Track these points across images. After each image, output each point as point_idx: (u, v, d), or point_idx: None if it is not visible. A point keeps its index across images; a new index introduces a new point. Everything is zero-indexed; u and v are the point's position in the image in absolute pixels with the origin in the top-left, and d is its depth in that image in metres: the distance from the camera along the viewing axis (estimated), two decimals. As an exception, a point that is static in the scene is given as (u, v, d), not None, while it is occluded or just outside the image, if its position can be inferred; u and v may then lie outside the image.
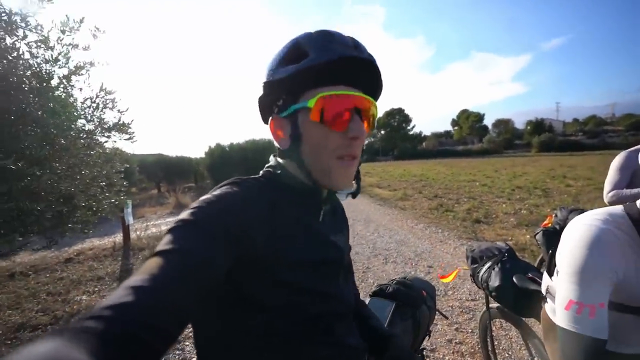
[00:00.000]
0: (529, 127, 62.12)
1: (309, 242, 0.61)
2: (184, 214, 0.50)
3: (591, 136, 56.13)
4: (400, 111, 66.86)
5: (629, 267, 0.83)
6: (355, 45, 0.59)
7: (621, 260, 0.82)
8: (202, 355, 0.60)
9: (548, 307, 1.20)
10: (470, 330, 2.62)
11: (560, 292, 0.87)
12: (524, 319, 1.53)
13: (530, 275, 1.39)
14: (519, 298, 1.39)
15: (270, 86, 0.61)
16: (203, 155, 20.10)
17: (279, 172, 0.65)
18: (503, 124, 68.08)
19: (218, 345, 0.57)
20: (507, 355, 2.24)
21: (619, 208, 0.91)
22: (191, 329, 0.58)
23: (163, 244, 0.45)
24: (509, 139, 59.52)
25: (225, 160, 18.41)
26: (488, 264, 1.54)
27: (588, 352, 0.75)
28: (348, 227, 0.83)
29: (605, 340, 0.76)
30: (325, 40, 0.57)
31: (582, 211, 2.42)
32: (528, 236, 5.16)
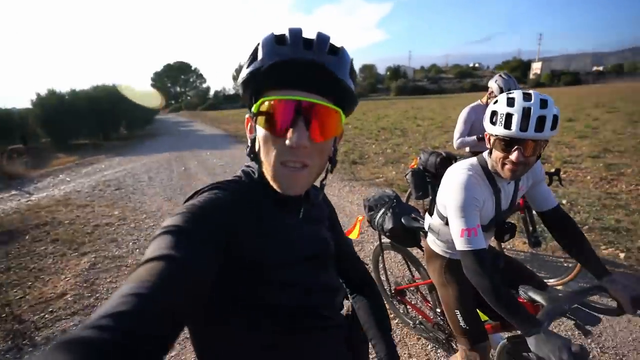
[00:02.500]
0: (388, 73, 70.51)
1: (296, 240, 0.64)
2: (171, 220, 0.50)
3: (432, 82, 68.26)
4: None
5: (485, 199, 1.20)
6: (306, 44, 0.56)
7: (481, 194, 1.17)
8: (202, 355, 0.62)
9: (429, 239, 1.55)
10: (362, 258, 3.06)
11: (453, 227, 1.16)
12: (408, 248, 1.93)
13: (413, 215, 1.71)
14: (406, 234, 1.75)
15: (240, 86, 0.60)
16: (29, 106, 15.29)
17: (254, 171, 0.64)
18: (368, 70, 74.82)
19: (216, 344, 0.59)
20: (394, 272, 2.76)
21: (474, 159, 1.26)
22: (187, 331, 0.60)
23: (153, 251, 0.45)
24: (372, 84, 66.38)
25: (66, 113, 14.58)
26: (382, 211, 1.83)
27: (480, 259, 1.09)
28: (333, 211, 0.85)
29: (486, 248, 1.11)
30: (275, 43, 0.56)
31: (438, 153, 3.00)
32: (394, 172, 6.15)
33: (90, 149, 13.18)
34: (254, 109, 0.57)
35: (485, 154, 1.23)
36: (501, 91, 2.61)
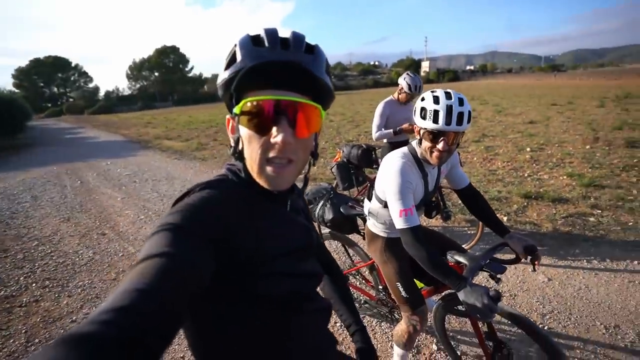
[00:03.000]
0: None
1: (287, 232, 0.67)
2: (166, 219, 0.51)
3: (339, 79, 72.01)
4: (174, 49, 59.83)
5: (417, 182, 1.40)
6: (283, 44, 0.58)
7: (413, 178, 1.37)
8: (200, 352, 0.62)
9: (369, 222, 1.70)
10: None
11: (392, 208, 1.33)
12: (348, 235, 2.06)
13: (350, 204, 1.84)
14: (346, 222, 1.88)
15: (219, 87, 0.62)
16: None
17: (240, 170, 0.65)
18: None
19: (210, 336, 0.60)
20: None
21: (406, 149, 1.46)
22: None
23: (150, 248, 0.46)
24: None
25: None
26: (321, 203, 1.92)
27: (416, 234, 1.28)
28: (306, 205, 0.87)
29: (419, 224, 1.31)
30: (253, 45, 0.58)
31: (360, 146, 3.25)
32: (315, 167, 6.37)
33: None
34: (236, 109, 0.58)
35: (414, 143, 1.44)
36: (409, 87, 2.97)
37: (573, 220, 3.43)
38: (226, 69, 0.59)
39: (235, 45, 0.59)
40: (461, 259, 1.36)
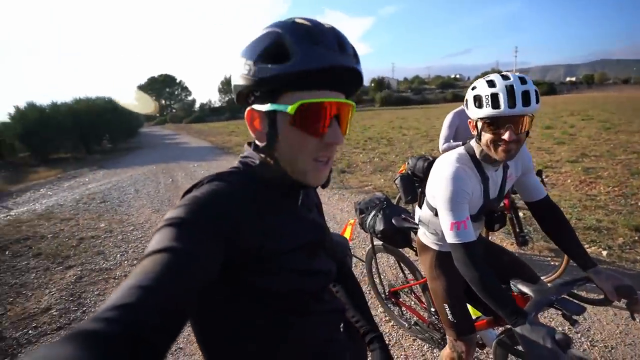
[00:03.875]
0: (372, 85, 71.75)
1: (296, 228, 0.65)
2: (173, 213, 0.50)
3: (416, 93, 70.16)
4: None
5: (474, 188, 1.20)
6: (340, 45, 0.56)
7: (469, 185, 1.17)
8: (208, 348, 0.62)
9: (420, 232, 1.57)
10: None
11: (443, 220, 1.16)
12: (400, 249, 1.95)
13: (403, 216, 1.74)
14: (398, 235, 1.77)
15: (248, 80, 0.57)
16: (7, 120, 14.88)
17: (257, 163, 0.64)
18: (353, 81, 75.80)
19: (219, 332, 0.59)
20: (387, 275, 2.78)
21: (462, 149, 1.27)
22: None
23: (157, 243, 0.45)
24: (358, 95, 67.20)
25: (47, 126, 14.23)
26: (373, 213, 1.85)
27: (469, 251, 1.10)
28: (318, 197, 0.86)
29: (475, 240, 1.12)
30: (311, 42, 0.53)
31: (426, 158, 3.08)
32: (382, 180, 6.23)
33: (72, 163, 12.81)
34: (290, 109, 0.55)
35: (472, 142, 1.24)
36: None
37: None
38: (271, 62, 0.54)
39: (281, 36, 0.54)
40: (526, 289, 1.09)
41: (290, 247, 0.61)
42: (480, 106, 1.10)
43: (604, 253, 2.97)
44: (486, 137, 1.12)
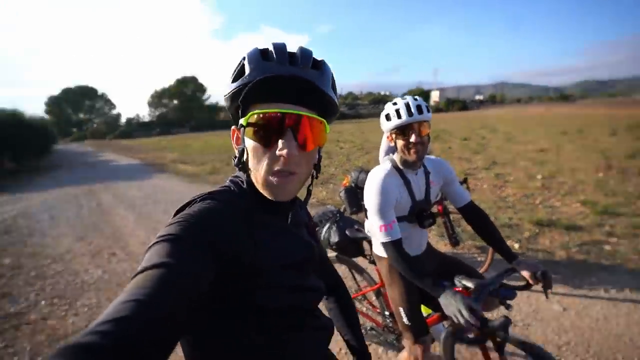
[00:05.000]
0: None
1: (286, 246, 0.66)
2: (167, 229, 0.52)
3: (350, 108, 74.04)
4: (193, 80, 62.66)
5: (400, 192, 1.45)
6: (292, 58, 0.60)
7: (395, 191, 1.42)
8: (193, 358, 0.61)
9: (373, 243, 1.69)
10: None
11: (373, 224, 1.39)
12: (354, 259, 2.04)
13: (356, 227, 1.86)
14: (351, 245, 1.88)
15: (226, 99, 0.64)
16: None
17: (243, 181, 0.67)
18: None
19: (208, 348, 0.59)
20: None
21: (387, 160, 1.53)
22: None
23: (149, 259, 0.47)
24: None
25: None
26: (327, 225, 1.93)
27: (398, 247, 1.34)
28: (310, 216, 0.88)
29: (401, 238, 1.36)
30: (263, 59, 0.59)
31: (367, 170, 3.30)
32: (325, 192, 6.40)
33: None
34: (243, 121, 0.59)
35: (394, 156, 1.51)
36: None
37: (588, 248, 3.33)
38: (234, 81, 0.61)
39: (244, 58, 0.61)
40: (468, 284, 1.30)
41: (280, 264, 0.62)
42: (389, 119, 1.41)
43: (516, 245, 3.48)
44: (400, 143, 1.41)
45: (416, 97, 1.42)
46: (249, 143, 0.61)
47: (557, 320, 2.34)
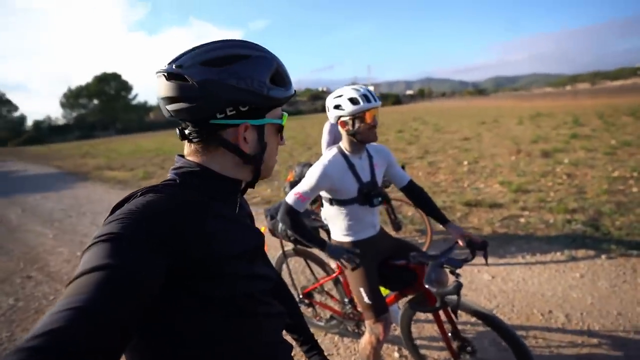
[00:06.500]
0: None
1: (237, 234, 0.66)
2: (104, 229, 0.47)
3: (289, 104, 74.00)
4: (115, 76, 56.82)
5: (345, 175, 1.57)
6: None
7: (337, 171, 1.55)
8: (142, 356, 0.57)
9: (331, 229, 1.75)
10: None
11: (296, 187, 1.55)
12: (311, 250, 2.03)
13: (313, 217, 1.88)
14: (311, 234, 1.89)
15: (258, 97, 0.63)
16: None
17: (198, 172, 0.64)
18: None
19: (168, 346, 0.56)
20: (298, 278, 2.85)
21: (334, 148, 1.63)
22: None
23: (88, 262, 0.42)
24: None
25: None
26: None
27: (291, 212, 1.53)
28: (250, 210, 0.87)
29: (300, 212, 1.53)
30: (288, 74, 0.70)
31: (310, 164, 3.34)
32: (269, 190, 6.33)
33: None
34: (283, 122, 0.71)
35: (340, 144, 1.63)
36: None
37: (507, 222, 3.82)
38: (274, 85, 0.66)
39: (279, 66, 0.67)
40: (422, 259, 1.48)
41: (234, 252, 0.62)
42: (341, 108, 1.50)
43: (450, 226, 3.84)
44: (363, 126, 1.51)
45: (367, 88, 1.53)
46: (273, 139, 0.70)
47: (487, 287, 2.65)
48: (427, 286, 1.28)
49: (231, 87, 0.59)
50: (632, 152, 6.59)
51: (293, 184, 3.39)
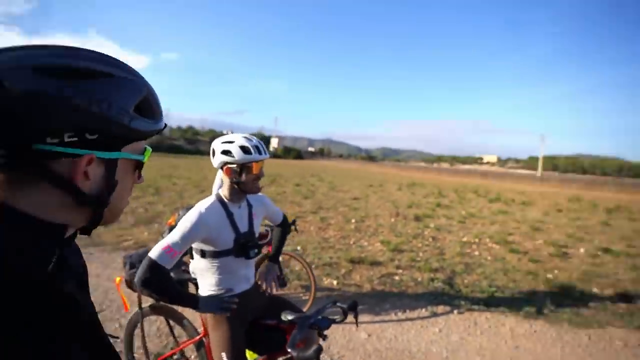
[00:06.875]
0: (140, 128, 65.27)
1: None
2: None
3: (190, 142, 70.28)
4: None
5: (221, 224, 1.44)
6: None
7: (213, 224, 1.40)
8: None
9: (199, 283, 1.53)
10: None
11: (164, 239, 1.33)
12: (174, 307, 1.74)
13: (183, 268, 1.62)
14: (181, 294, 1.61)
15: (114, 126, 0.50)
16: None
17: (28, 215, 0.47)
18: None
19: None
20: (156, 342, 2.32)
21: (213, 196, 1.53)
22: None
23: None
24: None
25: None
26: None
27: (158, 268, 1.28)
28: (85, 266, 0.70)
29: (167, 269, 1.30)
30: (159, 105, 0.60)
31: None
32: (146, 233, 5.51)
33: None
34: (145, 158, 0.60)
35: (219, 191, 1.54)
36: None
37: (384, 279, 4.11)
38: (140, 115, 0.57)
39: (147, 95, 0.57)
40: (292, 317, 1.39)
41: None
42: (233, 155, 1.41)
43: (334, 282, 3.91)
44: (248, 177, 1.45)
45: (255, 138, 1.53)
46: (127, 177, 0.58)
47: (363, 346, 2.68)
48: (288, 349, 1.18)
49: (76, 108, 0.45)
50: (475, 221, 8.26)
51: (173, 229, 3.00)
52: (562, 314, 3.40)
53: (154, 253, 1.29)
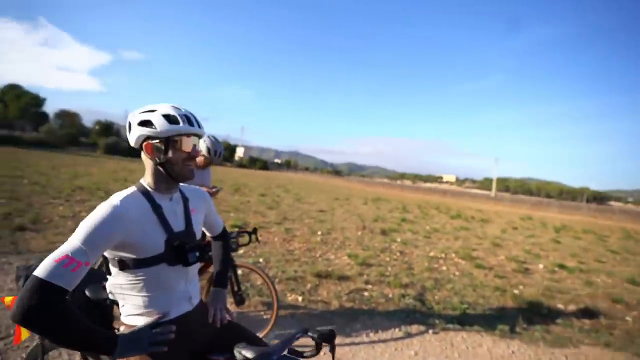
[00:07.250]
0: (97, 127, 60.42)
1: None
2: None
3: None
4: None
5: (145, 220, 1.03)
6: None
7: (132, 221, 0.99)
8: None
9: (123, 304, 1.11)
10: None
11: (63, 245, 0.89)
12: None
13: (104, 284, 1.19)
14: (94, 311, 1.24)
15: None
16: None
17: None
18: (69, 117, 60.49)
19: None
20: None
21: (134, 187, 1.10)
22: None
23: None
24: (74, 135, 54.03)
25: None
26: None
27: (58, 298, 0.84)
28: None
29: (67, 291, 0.85)
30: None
31: None
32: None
33: None
34: None
35: (142, 179, 1.13)
36: (209, 151, 2.73)
37: (353, 295, 3.81)
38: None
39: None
40: (249, 354, 1.04)
41: None
42: (173, 122, 1.06)
43: (300, 298, 3.54)
44: (178, 155, 1.08)
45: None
46: None
47: (331, 375, 2.33)
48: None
49: None
50: (440, 237, 8.30)
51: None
52: (534, 332, 3.30)
53: (41, 270, 0.83)
